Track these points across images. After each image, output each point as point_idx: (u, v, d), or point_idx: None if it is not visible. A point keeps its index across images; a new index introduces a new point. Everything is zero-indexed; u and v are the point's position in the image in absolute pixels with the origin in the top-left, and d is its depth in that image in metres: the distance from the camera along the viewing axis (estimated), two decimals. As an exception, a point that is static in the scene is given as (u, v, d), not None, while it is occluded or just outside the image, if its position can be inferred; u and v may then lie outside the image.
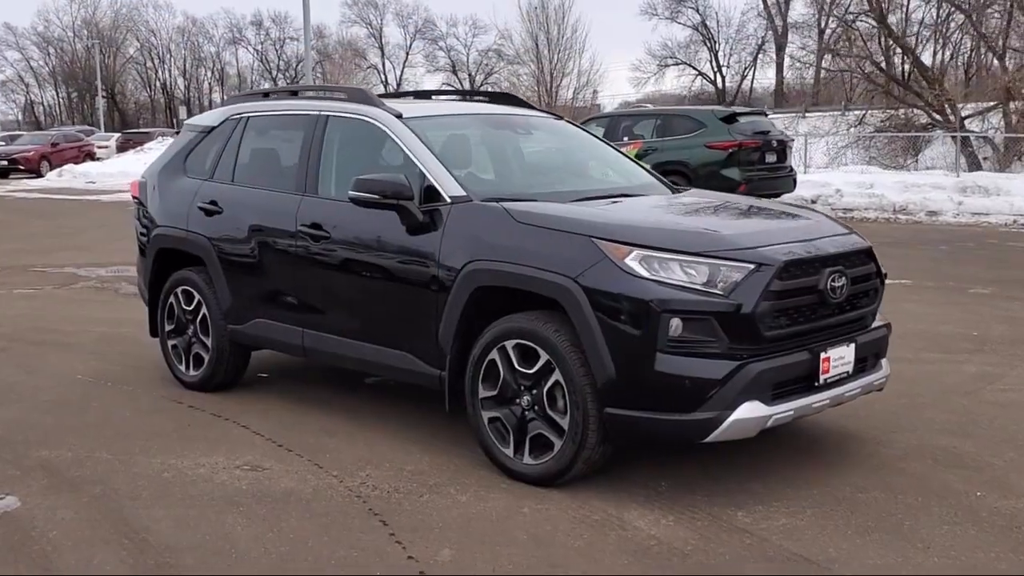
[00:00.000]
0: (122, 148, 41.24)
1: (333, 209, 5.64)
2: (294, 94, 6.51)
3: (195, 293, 6.50)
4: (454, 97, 7.30)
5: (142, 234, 7.02)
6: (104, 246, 15.10)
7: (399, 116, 5.59)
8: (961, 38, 35.41)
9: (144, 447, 5.47)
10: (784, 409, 4.49)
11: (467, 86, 75.13)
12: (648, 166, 6.36)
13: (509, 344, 4.76)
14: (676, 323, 4.31)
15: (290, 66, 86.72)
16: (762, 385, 4.39)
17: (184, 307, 6.60)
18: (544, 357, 4.63)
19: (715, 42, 69.14)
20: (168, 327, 6.75)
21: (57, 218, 20.40)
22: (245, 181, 6.32)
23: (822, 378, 4.60)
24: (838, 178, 19.38)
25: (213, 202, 6.35)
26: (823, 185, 18.78)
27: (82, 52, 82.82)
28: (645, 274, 4.38)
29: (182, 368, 6.68)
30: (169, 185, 6.80)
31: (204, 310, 6.45)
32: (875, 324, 5.04)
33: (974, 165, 26.03)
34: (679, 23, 68.12)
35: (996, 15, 31.10)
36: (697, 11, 67.64)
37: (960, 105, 30.33)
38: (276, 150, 6.40)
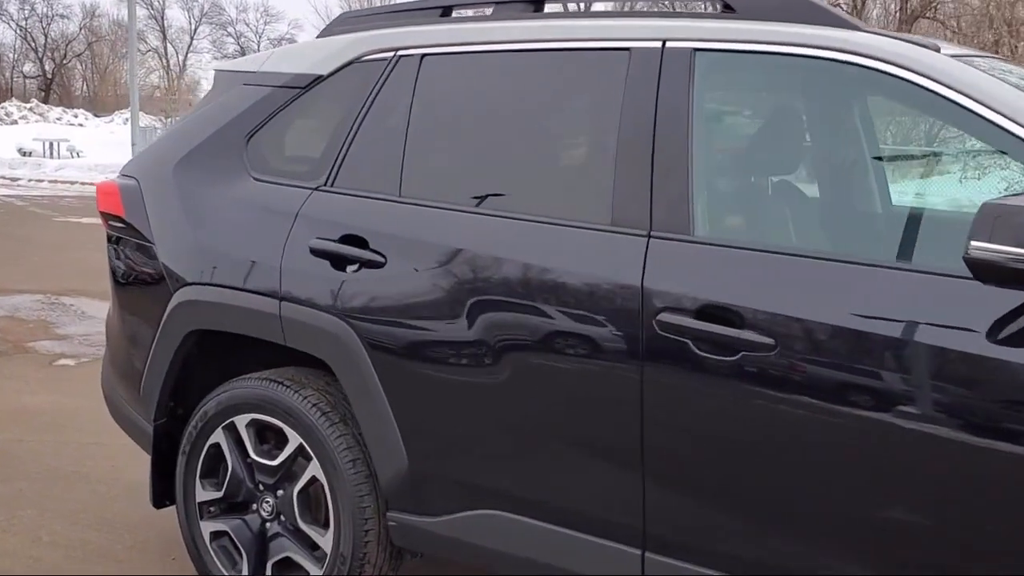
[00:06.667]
0: None
1: (776, 276, 2.29)
2: (537, 5, 3.00)
3: (289, 432, 2.97)
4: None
5: (131, 285, 3.40)
6: None
7: (936, 49, 2.31)
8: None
9: None
10: None
11: (258, 77, 70.57)
12: None
13: None
14: None
15: (58, 46, 78.94)
16: None
17: (257, 458, 3.06)
18: None
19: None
20: (208, 494, 3.17)
21: None
22: (436, 195, 2.85)
23: None
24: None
25: (355, 239, 2.86)
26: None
27: None
28: None
29: (242, 584, 3.11)
30: (209, 193, 3.22)
31: (317, 472, 2.94)
32: None
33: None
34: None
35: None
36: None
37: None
38: (526, 130, 2.96)
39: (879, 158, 2.82)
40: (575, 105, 2.79)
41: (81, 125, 38.16)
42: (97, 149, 29.52)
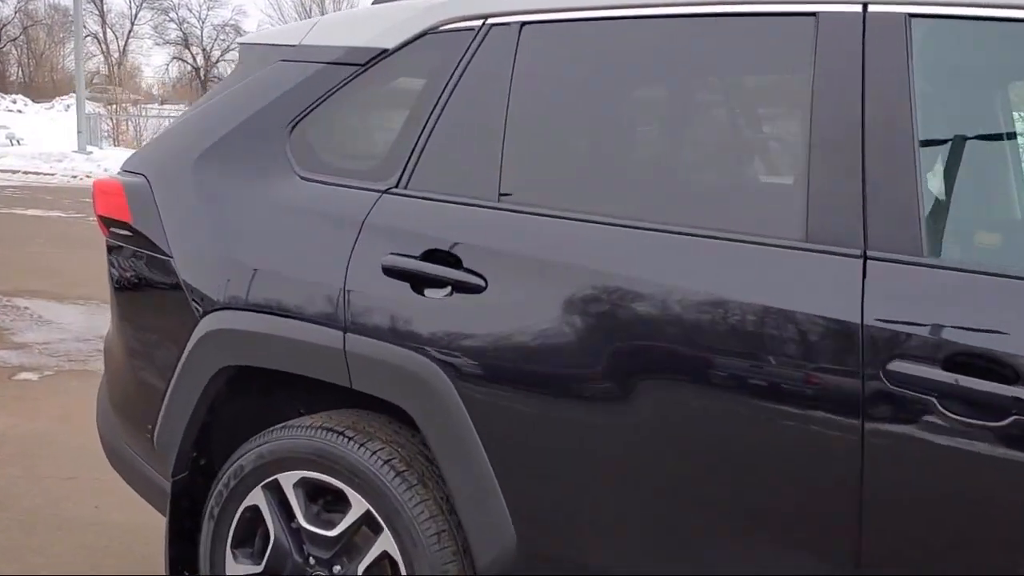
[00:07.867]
0: None
1: None
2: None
3: (352, 495, 2.37)
4: None
5: (140, 308, 2.76)
6: None
7: None
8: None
9: None
10: None
11: (200, 61, 69.43)
12: None
13: None
14: None
15: (-10, 32, 76.65)
16: None
17: (308, 525, 2.45)
18: None
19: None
20: (242, 567, 2.58)
21: None
22: (549, 200, 2.25)
23: None
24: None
25: (443, 256, 2.24)
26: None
27: None
28: None
29: None
30: (241, 195, 2.61)
31: (389, 546, 2.35)
32: None
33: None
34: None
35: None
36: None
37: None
38: (670, 117, 2.39)
39: None
40: (739, 85, 2.22)
41: (20, 112, 36.88)
42: (38, 136, 28.40)
